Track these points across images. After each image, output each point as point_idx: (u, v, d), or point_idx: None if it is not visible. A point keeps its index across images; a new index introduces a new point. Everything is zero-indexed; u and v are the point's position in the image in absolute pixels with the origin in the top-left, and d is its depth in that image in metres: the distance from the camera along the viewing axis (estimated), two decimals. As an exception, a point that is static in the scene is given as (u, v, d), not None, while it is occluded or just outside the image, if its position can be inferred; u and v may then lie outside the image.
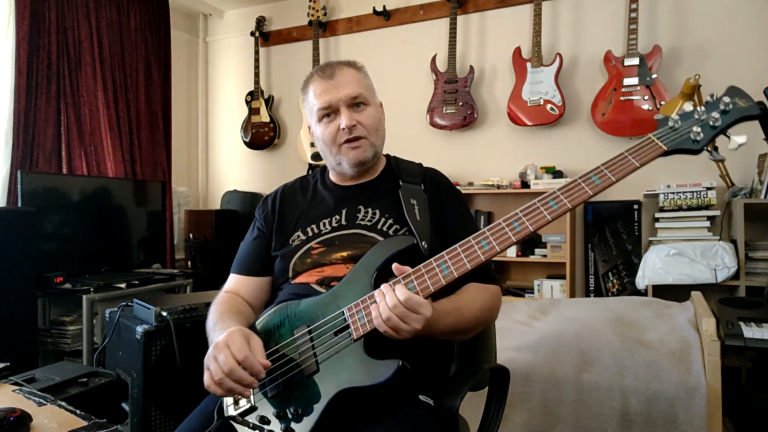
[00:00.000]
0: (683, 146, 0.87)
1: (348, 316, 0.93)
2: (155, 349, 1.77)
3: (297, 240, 1.14)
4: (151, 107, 3.86)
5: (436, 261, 0.91)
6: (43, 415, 1.07)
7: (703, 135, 0.87)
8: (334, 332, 0.93)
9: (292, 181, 1.30)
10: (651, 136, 0.89)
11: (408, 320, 0.86)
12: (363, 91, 1.14)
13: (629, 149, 0.90)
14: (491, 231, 0.91)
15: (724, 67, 2.90)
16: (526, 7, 3.32)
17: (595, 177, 0.89)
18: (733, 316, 1.71)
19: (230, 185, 4.30)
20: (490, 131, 3.46)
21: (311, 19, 3.84)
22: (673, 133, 0.88)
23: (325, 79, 1.13)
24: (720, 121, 0.87)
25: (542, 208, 0.90)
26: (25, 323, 2.39)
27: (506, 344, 1.73)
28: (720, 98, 0.89)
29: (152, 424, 1.76)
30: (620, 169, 0.88)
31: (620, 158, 0.89)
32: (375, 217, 1.12)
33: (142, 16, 3.78)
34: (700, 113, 0.88)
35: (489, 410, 1.12)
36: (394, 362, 0.86)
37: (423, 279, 0.90)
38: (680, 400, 1.50)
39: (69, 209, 2.91)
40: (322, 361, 0.92)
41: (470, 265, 0.89)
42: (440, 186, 1.20)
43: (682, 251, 2.56)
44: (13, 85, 2.93)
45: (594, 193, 0.88)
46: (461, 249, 0.90)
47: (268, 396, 0.95)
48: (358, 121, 1.12)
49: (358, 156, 1.13)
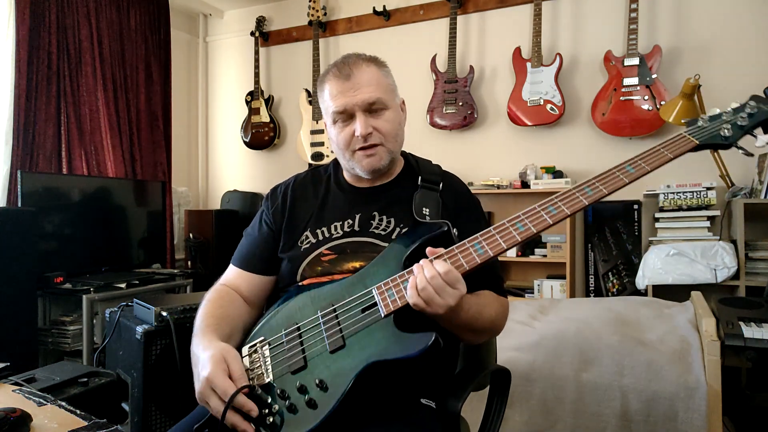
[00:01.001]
0: (714, 141, 0.95)
1: (377, 293, 0.90)
2: (155, 349, 1.77)
3: (306, 243, 1.09)
4: (151, 107, 3.86)
5: (470, 242, 0.91)
6: (43, 415, 1.07)
7: (732, 132, 0.95)
8: (362, 309, 0.90)
9: (304, 174, 1.23)
10: (684, 132, 0.96)
11: (443, 294, 0.84)
12: (382, 95, 1.06)
13: (662, 143, 0.96)
14: (526, 214, 0.92)
15: (724, 67, 2.90)
16: (526, 7, 3.32)
17: (629, 167, 0.93)
18: (733, 316, 1.71)
19: (230, 185, 4.30)
20: (490, 131, 3.46)
21: (311, 19, 3.84)
22: (703, 131, 0.96)
23: (342, 80, 1.05)
24: (747, 121, 0.96)
25: (579, 194, 0.92)
26: (25, 323, 2.39)
27: (506, 344, 1.73)
28: (746, 103, 0.98)
29: (152, 424, 1.76)
30: (654, 159, 0.94)
31: (654, 151, 0.95)
32: (390, 227, 1.07)
33: (142, 16, 3.78)
34: (728, 114, 0.97)
35: (490, 411, 1.13)
36: (429, 335, 0.82)
37: (456, 258, 0.90)
38: (680, 399, 1.51)
39: (69, 209, 2.91)
40: (348, 336, 0.89)
41: (506, 244, 0.90)
42: (459, 193, 1.15)
43: (682, 251, 2.56)
44: (13, 85, 2.93)
45: (630, 181, 0.93)
46: (496, 231, 0.91)
47: (290, 372, 0.90)
48: (375, 127, 1.05)
49: (373, 164, 1.07)
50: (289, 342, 0.94)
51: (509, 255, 3.14)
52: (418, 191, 1.09)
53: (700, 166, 2.82)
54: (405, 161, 1.20)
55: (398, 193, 1.12)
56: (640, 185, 3.00)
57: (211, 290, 1.12)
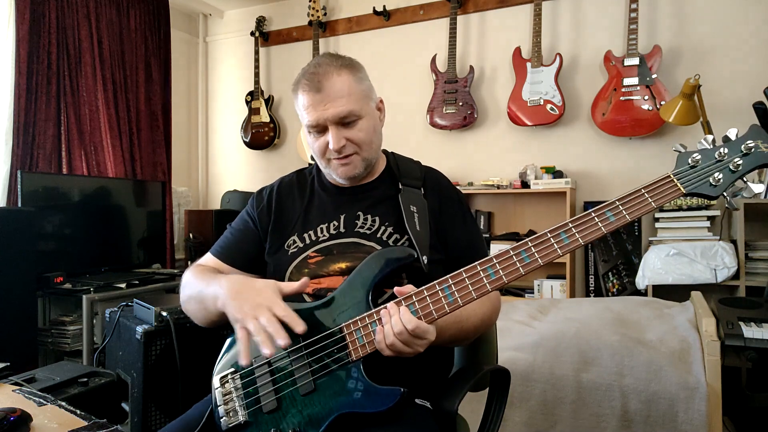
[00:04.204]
0: (701, 191, 0.85)
1: (346, 335, 0.91)
2: (155, 349, 1.77)
3: (294, 247, 1.09)
4: (151, 107, 3.86)
5: (440, 285, 0.88)
6: (43, 415, 1.07)
7: (723, 180, 0.85)
8: (331, 349, 0.91)
9: (289, 176, 1.23)
10: (671, 176, 0.86)
11: (412, 345, 0.85)
12: (353, 106, 1.03)
13: (646, 186, 0.86)
14: (499, 259, 0.87)
15: (724, 67, 2.90)
16: (526, 7, 3.32)
17: (609, 213, 0.85)
18: (733, 316, 1.71)
19: (230, 185, 4.30)
20: (490, 131, 3.46)
21: (311, 19, 3.84)
22: (692, 174, 0.86)
23: (312, 92, 1.03)
24: (741, 166, 0.85)
25: (553, 240, 0.86)
26: (25, 323, 2.39)
27: (506, 344, 1.73)
28: (743, 139, 0.86)
29: (152, 424, 1.76)
30: (636, 208, 0.85)
31: (637, 195, 0.86)
32: (375, 225, 1.08)
33: (142, 16, 3.78)
34: (722, 154, 0.86)
35: (489, 411, 1.12)
36: (396, 390, 0.86)
37: (426, 304, 0.88)
38: (680, 399, 1.51)
39: (69, 209, 2.91)
40: (319, 380, 0.91)
41: (476, 294, 0.87)
42: (441, 190, 1.14)
43: (682, 251, 2.56)
44: (13, 85, 2.93)
45: (607, 231, 0.85)
46: (467, 275, 0.88)
47: (263, 412, 0.92)
48: (348, 138, 1.04)
49: (348, 172, 1.07)
50: (260, 377, 0.95)
51: (509, 255, 3.14)
52: (402, 192, 1.09)
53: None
54: (386, 160, 1.19)
55: (382, 191, 1.12)
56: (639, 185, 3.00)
57: (194, 265, 1.13)
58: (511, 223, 3.37)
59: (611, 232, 0.85)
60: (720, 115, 2.82)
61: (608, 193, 3.16)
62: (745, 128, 0.88)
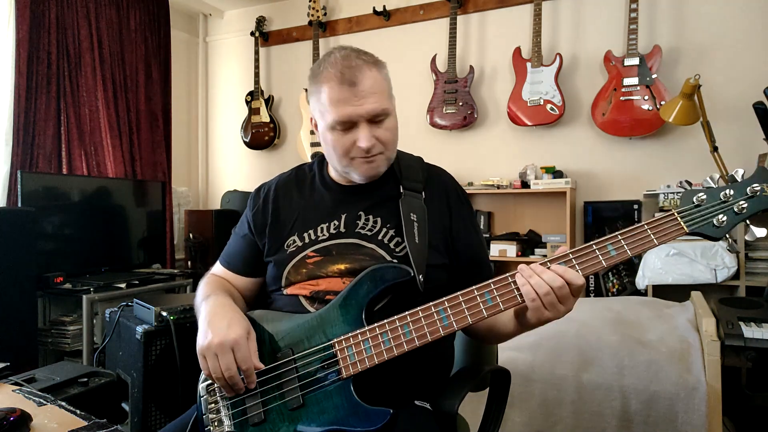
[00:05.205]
0: (704, 231, 0.86)
1: (338, 351, 0.90)
2: (155, 349, 1.77)
3: (292, 246, 1.07)
4: (151, 107, 3.86)
5: (435, 307, 0.89)
6: (43, 415, 1.07)
7: (726, 222, 0.85)
8: (321, 365, 0.90)
9: (287, 174, 1.20)
10: (675, 214, 0.86)
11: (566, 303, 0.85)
12: (386, 104, 1.00)
13: (649, 223, 0.86)
14: (497, 285, 0.88)
15: (724, 67, 2.90)
16: (526, 7, 3.32)
17: (611, 247, 0.86)
18: (733, 316, 1.71)
19: (230, 185, 4.30)
20: (490, 131, 3.46)
21: (311, 19, 3.84)
22: (696, 214, 0.86)
23: (345, 86, 0.97)
24: (746, 209, 0.85)
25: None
26: (25, 323, 2.39)
27: (506, 344, 1.72)
28: (749, 181, 0.87)
29: (152, 424, 1.76)
30: (638, 244, 0.86)
31: (639, 231, 0.86)
32: (376, 226, 1.05)
33: (142, 16, 3.78)
34: (727, 195, 0.86)
35: (489, 411, 1.12)
36: (386, 411, 0.85)
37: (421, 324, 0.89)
38: (680, 399, 1.51)
39: (69, 209, 2.91)
40: (307, 395, 0.90)
41: (471, 319, 0.88)
42: (447, 193, 1.11)
43: (682, 251, 2.56)
44: (13, 85, 2.93)
45: (608, 265, 0.86)
46: (463, 298, 0.89)
47: (250, 424, 0.91)
48: (377, 137, 1.00)
49: (371, 172, 1.03)
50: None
51: (509, 255, 3.14)
52: (403, 197, 1.05)
53: (700, 166, 2.82)
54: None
55: (385, 192, 1.08)
56: (639, 185, 3.01)
57: (206, 277, 1.15)
58: (511, 223, 3.37)
59: (611, 266, 0.86)
60: (720, 115, 2.82)
61: (608, 193, 3.16)
62: (745, 128, 0.89)
